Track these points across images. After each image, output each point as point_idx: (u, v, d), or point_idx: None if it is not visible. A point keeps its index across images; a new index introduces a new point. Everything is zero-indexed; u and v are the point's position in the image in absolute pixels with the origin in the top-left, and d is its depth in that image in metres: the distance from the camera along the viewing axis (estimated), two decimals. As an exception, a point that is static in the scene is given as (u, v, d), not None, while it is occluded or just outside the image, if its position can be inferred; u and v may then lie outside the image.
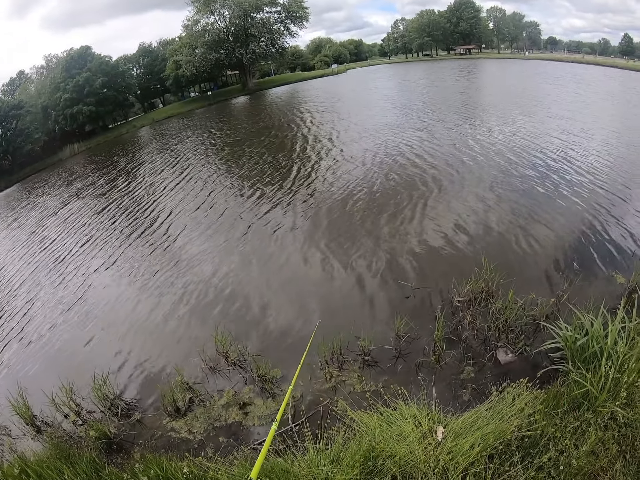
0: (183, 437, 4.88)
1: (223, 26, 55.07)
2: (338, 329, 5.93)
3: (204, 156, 20.74)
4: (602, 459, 3.27)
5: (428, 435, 3.61)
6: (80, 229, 13.90)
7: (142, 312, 7.87)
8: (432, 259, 7.80)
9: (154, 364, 6.32)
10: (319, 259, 8.44)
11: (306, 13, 57.64)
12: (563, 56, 65.05)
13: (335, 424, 4.31)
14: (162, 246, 10.68)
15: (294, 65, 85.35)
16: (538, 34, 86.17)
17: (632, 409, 3.55)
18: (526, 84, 32.79)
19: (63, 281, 10.17)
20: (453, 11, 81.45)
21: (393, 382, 4.90)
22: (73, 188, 21.75)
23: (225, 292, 7.89)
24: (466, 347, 5.42)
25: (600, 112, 19.43)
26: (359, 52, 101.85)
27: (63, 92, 45.56)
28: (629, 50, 71.61)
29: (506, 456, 3.31)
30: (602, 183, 10.32)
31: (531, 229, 8.38)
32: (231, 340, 6.09)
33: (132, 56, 58.40)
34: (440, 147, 14.93)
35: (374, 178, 12.51)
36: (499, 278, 6.14)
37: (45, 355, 7.34)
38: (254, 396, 5.27)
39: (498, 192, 10.35)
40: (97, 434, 4.79)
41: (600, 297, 5.39)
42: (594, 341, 4.24)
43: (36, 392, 5.79)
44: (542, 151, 13.30)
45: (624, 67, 46.02)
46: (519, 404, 3.74)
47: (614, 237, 7.80)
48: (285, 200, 11.97)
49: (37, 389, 5.81)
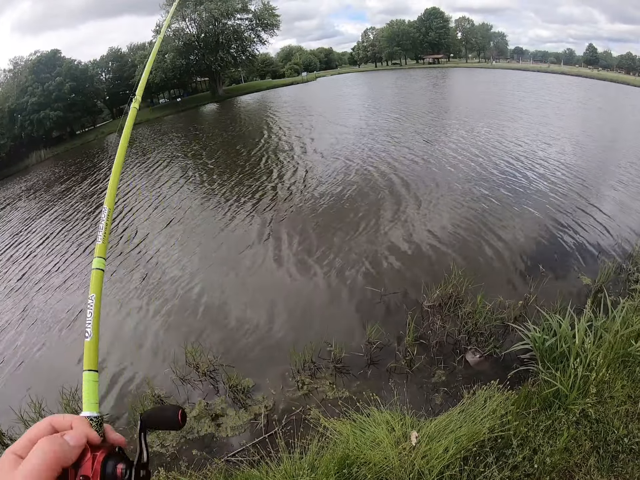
0: (155, 451, 4.70)
1: (194, 32, 54.64)
2: (309, 337, 5.89)
3: (171, 172, 19.73)
4: (576, 455, 3.32)
5: (402, 440, 3.58)
6: (45, 238, 13.40)
7: (111, 324, 7.62)
8: (401, 265, 7.85)
9: (124, 377, 6.07)
10: (289, 268, 8.36)
11: (277, 21, 57.81)
12: (529, 65, 67.58)
13: (309, 433, 4.23)
14: (130, 256, 10.38)
15: (264, 73, 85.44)
16: (505, 44, 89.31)
17: (603, 405, 3.62)
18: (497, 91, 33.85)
19: (26, 295, 9.73)
20: (423, 21, 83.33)
21: (365, 388, 4.86)
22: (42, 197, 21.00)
23: (194, 302, 7.70)
24: (437, 351, 5.44)
25: (566, 119, 20.26)
26: (329, 60, 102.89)
27: (30, 96, 44.06)
28: (593, 60, 74.67)
29: (480, 457, 3.32)
30: (566, 188, 10.69)
31: (498, 234, 8.57)
32: (202, 350, 5.94)
33: (101, 61, 57.19)
34: (410, 156, 15.15)
35: (341, 187, 12.54)
36: (467, 283, 6.20)
37: (11, 371, 7.00)
38: (226, 407, 5.14)
39: (465, 197, 10.57)
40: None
41: (567, 298, 5.54)
42: (562, 341, 4.32)
43: (2, 408, 5.49)
44: (508, 157, 13.71)
45: (588, 76, 48.10)
46: (490, 405, 3.76)
47: (578, 240, 8.07)
48: (253, 211, 11.81)
49: (4, 405, 5.51)
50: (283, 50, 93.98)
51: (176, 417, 0.89)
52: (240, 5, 54.34)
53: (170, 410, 0.91)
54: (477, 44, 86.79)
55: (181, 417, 0.89)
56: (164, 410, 0.93)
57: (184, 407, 1.15)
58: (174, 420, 0.89)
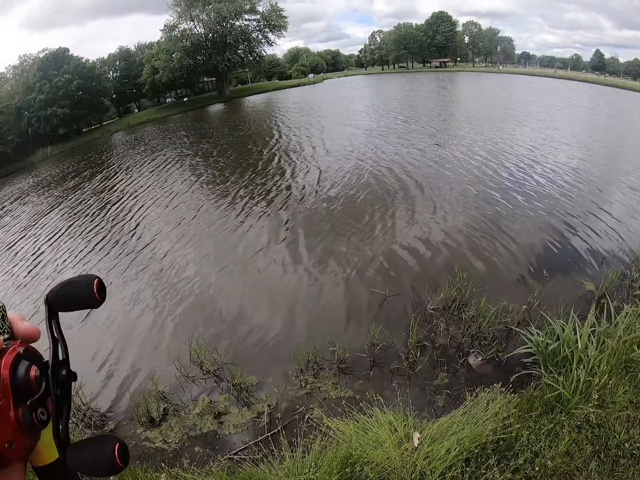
0: (158, 447, 4.74)
1: (202, 32, 54.80)
2: (313, 337, 5.92)
3: (182, 168, 20.00)
4: (577, 459, 3.34)
5: (404, 441, 3.61)
6: (51, 234, 13.47)
7: (117, 321, 7.67)
8: (406, 268, 7.89)
9: (128, 373, 6.13)
10: (295, 268, 8.41)
11: (285, 22, 57.82)
12: (536, 70, 67.43)
13: (311, 432, 4.27)
14: (137, 254, 10.43)
15: (271, 74, 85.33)
16: (512, 49, 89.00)
17: (604, 410, 3.64)
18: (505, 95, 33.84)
19: (35, 290, 9.80)
20: (430, 25, 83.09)
21: (368, 389, 4.91)
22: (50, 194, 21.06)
23: (200, 301, 7.76)
24: (440, 353, 5.47)
25: (575, 124, 20.29)
26: (336, 62, 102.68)
27: (38, 93, 44.23)
28: (600, 66, 74.42)
29: (482, 459, 3.34)
30: (573, 193, 10.69)
31: (504, 238, 8.59)
32: (206, 348, 5.98)
33: (108, 59, 57.30)
34: (418, 160, 15.17)
35: (354, 190, 12.54)
36: (472, 286, 6.22)
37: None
38: (230, 405, 5.18)
39: (471, 202, 10.59)
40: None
41: (570, 303, 5.54)
42: (565, 346, 4.34)
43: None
44: (517, 161, 13.73)
45: (594, 82, 48.01)
46: (493, 408, 3.78)
47: (582, 245, 8.09)
48: (261, 212, 11.87)
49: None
50: (290, 51, 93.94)
51: (91, 290, 0.71)
52: (249, 6, 54.45)
53: (82, 282, 0.73)
54: (484, 48, 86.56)
55: (97, 288, 0.72)
56: (74, 284, 0.73)
57: (97, 279, 0.72)
58: (88, 295, 0.72)
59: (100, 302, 0.72)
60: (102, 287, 0.73)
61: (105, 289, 0.75)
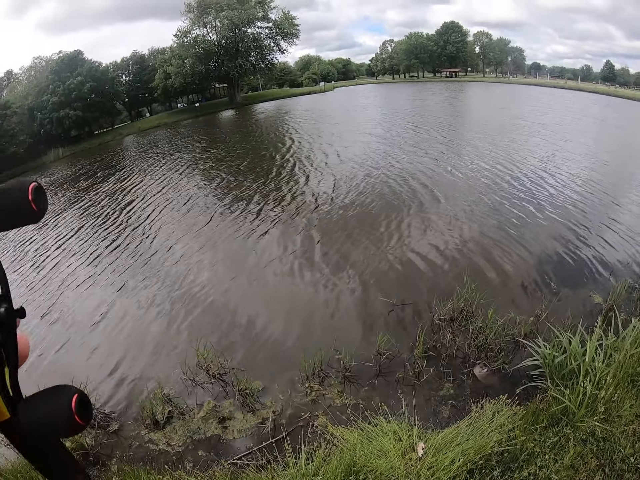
0: (161, 449, 4.78)
1: (214, 39, 55.39)
2: (320, 345, 5.91)
3: (195, 172, 20.24)
4: (582, 472, 3.32)
5: (409, 450, 3.61)
6: (64, 239, 13.63)
7: (125, 323, 7.74)
8: (414, 277, 7.88)
9: (134, 375, 6.18)
10: (304, 276, 8.45)
11: (297, 30, 58.34)
12: (546, 81, 67.28)
13: (316, 439, 4.26)
14: (147, 258, 10.52)
15: (282, 81, 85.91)
16: (522, 59, 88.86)
17: (610, 424, 3.62)
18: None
19: (45, 292, 9.88)
20: (441, 34, 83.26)
21: (373, 397, 4.89)
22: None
23: (211, 306, 7.80)
24: (446, 364, 5.45)
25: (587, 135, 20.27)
26: (347, 71, 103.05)
27: (51, 95, 44.90)
28: (610, 77, 74.12)
29: (486, 471, 3.33)
30: (584, 205, 10.65)
31: (512, 249, 8.56)
32: (213, 353, 6.01)
33: (121, 63, 58.02)
34: (431, 169, 15.18)
35: (369, 197, 12.56)
36: (479, 297, 6.20)
37: (23, 365, 7.07)
38: (234, 410, 5.20)
39: (480, 213, 10.57)
40: (73, 445, 4.67)
41: (578, 316, 5.54)
42: (572, 358, 4.32)
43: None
44: (526, 171, 13.72)
45: (605, 93, 47.77)
46: (498, 419, 3.77)
47: (590, 258, 8.04)
48: (276, 217, 11.92)
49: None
50: (302, 59, 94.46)
51: (25, 199, 0.59)
52: (261, 14, 55.06)
53: (13, 190, 0.60)
54: (495, 58, 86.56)
55: (34, 196, 0.59)
56: (5, 192, 0.60)
57: (34, 184, 0.58)
58: (23, 206, 0.59)
59: (38, 214, 0.60)
60: (40, 194, 0.60)
61: (46, 197, 0.62)
